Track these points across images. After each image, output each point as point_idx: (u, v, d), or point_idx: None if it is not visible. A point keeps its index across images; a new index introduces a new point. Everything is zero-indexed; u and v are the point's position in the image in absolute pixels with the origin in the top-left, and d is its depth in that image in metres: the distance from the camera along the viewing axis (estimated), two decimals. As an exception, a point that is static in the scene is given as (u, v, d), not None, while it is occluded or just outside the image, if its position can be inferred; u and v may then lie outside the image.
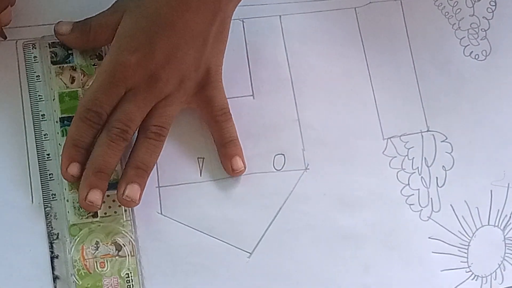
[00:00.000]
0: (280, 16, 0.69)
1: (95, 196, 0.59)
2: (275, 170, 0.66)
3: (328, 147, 0.67)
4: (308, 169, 0.66)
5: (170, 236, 0.62)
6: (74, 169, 0.59)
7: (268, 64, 0.68)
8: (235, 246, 0.63)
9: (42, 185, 0.61)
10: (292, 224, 0.64)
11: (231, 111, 0.64)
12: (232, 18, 0.65)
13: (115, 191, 0.60)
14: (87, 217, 0.60)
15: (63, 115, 0.62)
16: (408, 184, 0.67)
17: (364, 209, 0.66)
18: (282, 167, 0.66)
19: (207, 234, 0.63)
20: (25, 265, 0.60)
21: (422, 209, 0.67)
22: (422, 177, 0.68)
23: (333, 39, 0.70)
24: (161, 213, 0.63)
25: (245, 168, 0.64)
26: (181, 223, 0.63)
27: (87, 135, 0.59)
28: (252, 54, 0.68)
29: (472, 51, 0.72)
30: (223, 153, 0.64)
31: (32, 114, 0.63)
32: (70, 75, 0.63)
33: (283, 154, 0.66)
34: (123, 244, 0.61)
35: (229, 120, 0.64)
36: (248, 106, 0.67)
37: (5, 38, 0.64)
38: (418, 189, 0.67)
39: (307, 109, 0.67)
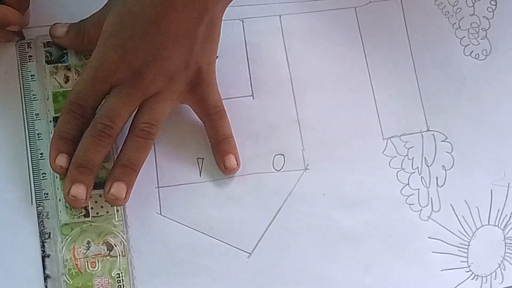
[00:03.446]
0: (280, 16, 0.69)
1: (78, 190, 0.59)
2: (274, 170, 0.66)
3: (328, 147, 0.67)
4: (308, 169, 0.66)
5: (169, 236, 0.63)
6: (62, 160, 0.59)
7: (268, 64, 0.68)
8: (234, 246, 0.63)
9: (34, 184, 0.62)
10: (292, 224, 0.64)
11: (230, 111, 0.64)
12: (232, 18, 0.65)
13: None
14: (79, 217, 0.61)
15: (56, 115, 0.62)
16: (408, 184, 0.67)
17: (364, 209, 0.66)
18: (282, 167, 0.66)
19: (207, 235, 0.63)
20: (17, 263, 0.60)
21: (422, 209, 0.67)
22: (422, 177, 0.68)
23: (333, 39, 0.70)
24: (161, 214, 0.63)
25: (238, 166, 0.65)
26: (180, 223, 0.63)
27: (72, 127, 0.59)
28: (252, 54, 0.68)
29: (472, 51, 0.71)
30: (216, 151, 0.64)
31: (26, 113, 0.63)
32: (65, 74, 0.64)
33: (283, 154, 0.66)
34: (114, 244, 0.61)
35: (223, 118, 0.64)
36: (248, 106, 0.67)
37: (24, 38, 0.64)
38: (418, 189, 0.67)
39: (306, 109, 0.67)
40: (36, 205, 0.61)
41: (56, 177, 0.61)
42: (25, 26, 0.64)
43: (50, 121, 0.62)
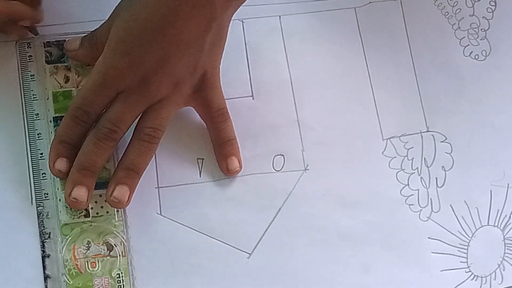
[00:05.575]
0: (279, 16, 0.69)
1: (79, 192, 0.59)
2: (274, 171, 0.66)
3: (328, 147, 0.67)
4: (308, 169, 0.66)
5: (169, 236, 0.63)
6: (61, 164, 0.59)
7: (267, 65, 0.68)
8: (234, 247, 0.63)
9: (35, 184, 0.62)
10: (292, 225, 0.64)
11: (230, 111, 0.64)
12: (232, 18, 0.65)
13: None
14: (79, 217, 0.61)
15: (56, 115, 0.62)
16: (408, 184, 0.67)
17: (363, 209, 0.66)
18: (282, 167, 0.66)
19: (207, 235, 0.63)
20: (17, 263, 0.60)
21: (421, 209, 0.67)
22: (421, 177, 0.68)
23: (333, 39, 0.70)
24: (161, 214, 0.63)
25: (241, 168, 0.65)
26: (180, 223, 0.63)
27: (74, 133, 0.59)
28: (252, 54, 0.68)
29: (472, 51, 0.72)
30: (219, 153, 0.64)
31: (26, 113, 0.63)
32: (65, 74, 0.64)
33: (283, 155, 0.66)
34: (114, 244, 0.61)
35: (226, 120, 0.64)
36: (248, 106, 0.67)
37: (37, 34, 0.64)
38: (418, 190, 0.67)
39: (306, 110, 0.67)
40: (36, 205, 0.61)
41: (56, 177, 0.61)
42: (38, 22, 0.64)
43: (50, 121, 0.62)
